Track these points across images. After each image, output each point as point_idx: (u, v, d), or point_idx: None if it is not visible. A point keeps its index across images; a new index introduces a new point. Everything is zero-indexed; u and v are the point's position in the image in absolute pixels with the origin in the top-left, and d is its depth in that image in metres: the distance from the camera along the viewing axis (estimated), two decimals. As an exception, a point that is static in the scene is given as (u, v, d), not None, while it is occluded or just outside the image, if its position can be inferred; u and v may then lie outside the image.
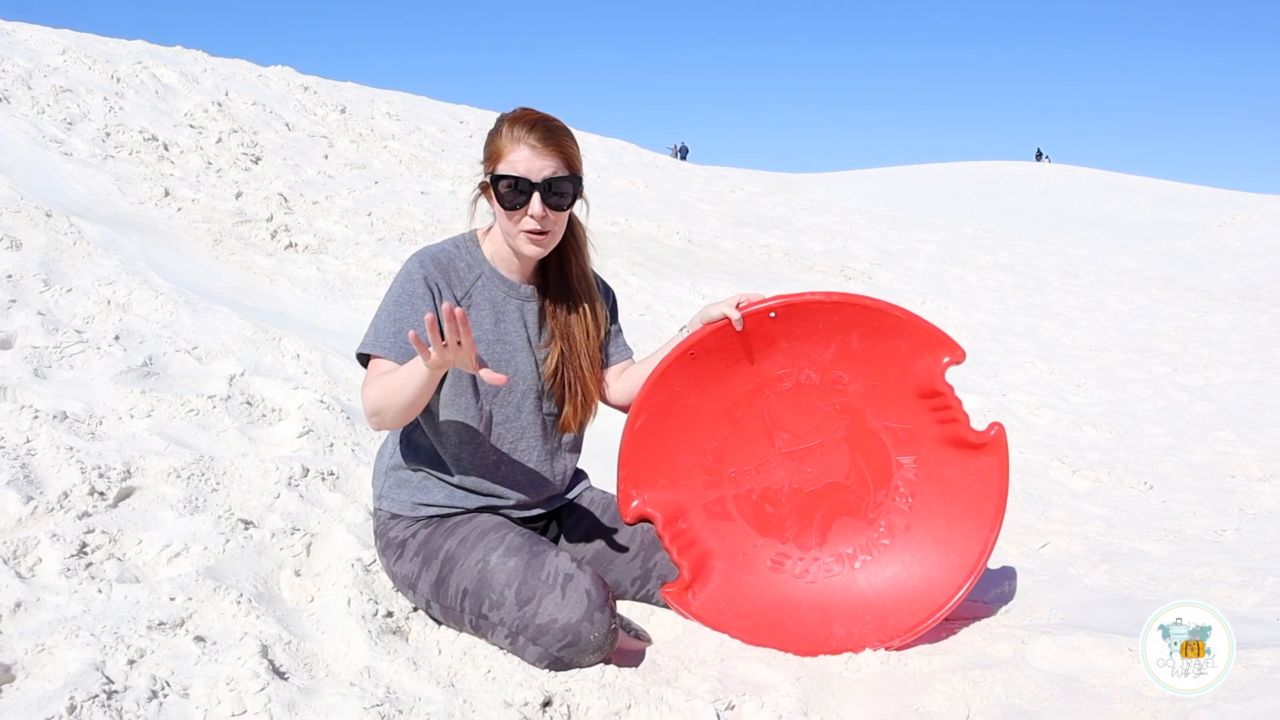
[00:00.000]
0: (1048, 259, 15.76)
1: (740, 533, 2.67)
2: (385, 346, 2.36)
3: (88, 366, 3.81)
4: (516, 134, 2.36)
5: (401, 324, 2.35)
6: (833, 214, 17.99)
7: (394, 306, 2.39)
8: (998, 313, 10.35)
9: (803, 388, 2.65)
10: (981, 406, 6.12)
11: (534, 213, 2.35)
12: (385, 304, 2.41)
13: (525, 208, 2.35)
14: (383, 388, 2.28)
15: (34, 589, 2.35)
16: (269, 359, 4.28)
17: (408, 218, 8.60)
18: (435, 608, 2.45)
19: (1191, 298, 12.97)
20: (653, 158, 21.37)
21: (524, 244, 2.40)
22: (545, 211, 2.36)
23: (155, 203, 6.95)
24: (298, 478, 3.16)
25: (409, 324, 2.34)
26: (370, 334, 2.39)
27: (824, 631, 2.57)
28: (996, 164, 48.26)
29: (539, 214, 2.35)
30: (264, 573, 2.60)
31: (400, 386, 2.24)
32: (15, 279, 4.53)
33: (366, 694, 2.07)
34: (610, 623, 2.29)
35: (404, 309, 2.37)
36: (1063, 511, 4.25)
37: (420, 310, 2.36)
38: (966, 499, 2.64)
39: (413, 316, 2.36)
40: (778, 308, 2.57)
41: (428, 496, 2.51)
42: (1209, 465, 5.43)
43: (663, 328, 7.00)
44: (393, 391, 2.26)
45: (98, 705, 1.90)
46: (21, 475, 2.87)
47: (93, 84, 9.52)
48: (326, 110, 12.46)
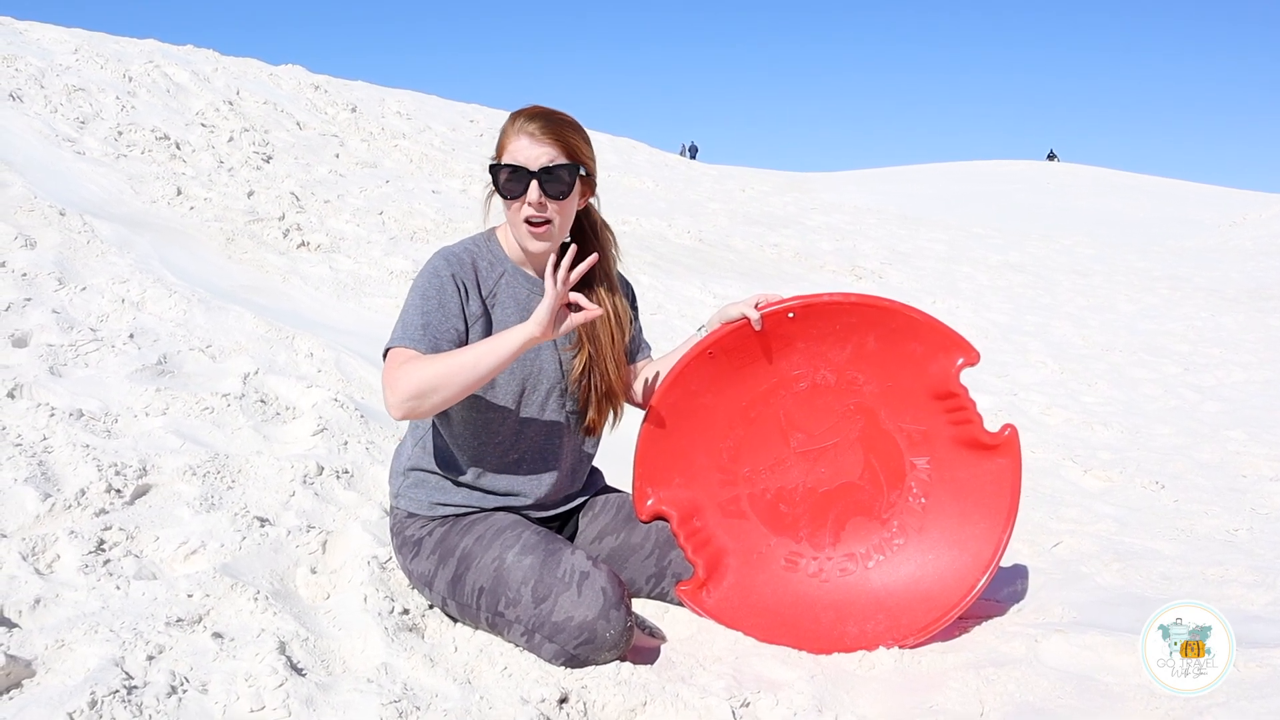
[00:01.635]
0: (1058, 258, 15.72)
1: (755, 532, 2.68)
2: (414, 339, 2.31)
3: (103, 364, 3.84)
4: (518, 125, 2.38)
5: (430, 318, 2.34)
6: (843, 213, 17.97)
7: (421, 301, 2.36)
8: (1008, 312, 10.33)
9: (818, 388, 2.66)
10: (993, 406, 6.12)
11: (531, 199, 2.35)
12: (412, 300, 2.38)
13: (523, 197, 2.36)
14: (442, 367, 2.22)
15: (53, 585, 2.37)
16: (282, 357, 4.30)
17: (419, 217, 8.61)
18: (452, 605, 2.46)
19: (1202, 297, 12.93)
20: (663, 157, 21.36)
21: (526, 237, 2.40)
22: (543, 199, 2.36)
23: (168, 201, 6.98)
24: (313, 475, 3.18)
25: (437, 319, 2.34)
26: (399, 329, 2.35)
27: (838, 630, 2.58)
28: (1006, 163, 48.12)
29: (535, 200, 2.35)
30: (280, 570, 2.62)
31: (474, 362, 2.22)
32: (30, 277, 4.56)
33: (384, 690, 2.08)
34: (626, 620, 2.29)
35: (431, 304, 2.36)
36: (1075, 510, 4.25)
37: (449, 306, 2.36)
38: (979, 499, 2.65)
39: (440, 312, 2.35)
40: (796, 308, 2.57)
41: (446, 496, 2.51)
42: (1220, 465, 5.42)
43: (674, 326, 7.01)
44: (462, 367, 2.21)
45: (118, 700, 1.91)
46: (39, 472, 2.89)
47: (105, 83, 9.55)
48: (337, 109, 12.48)
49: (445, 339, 2.33)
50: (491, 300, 2.45)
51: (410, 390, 2.22)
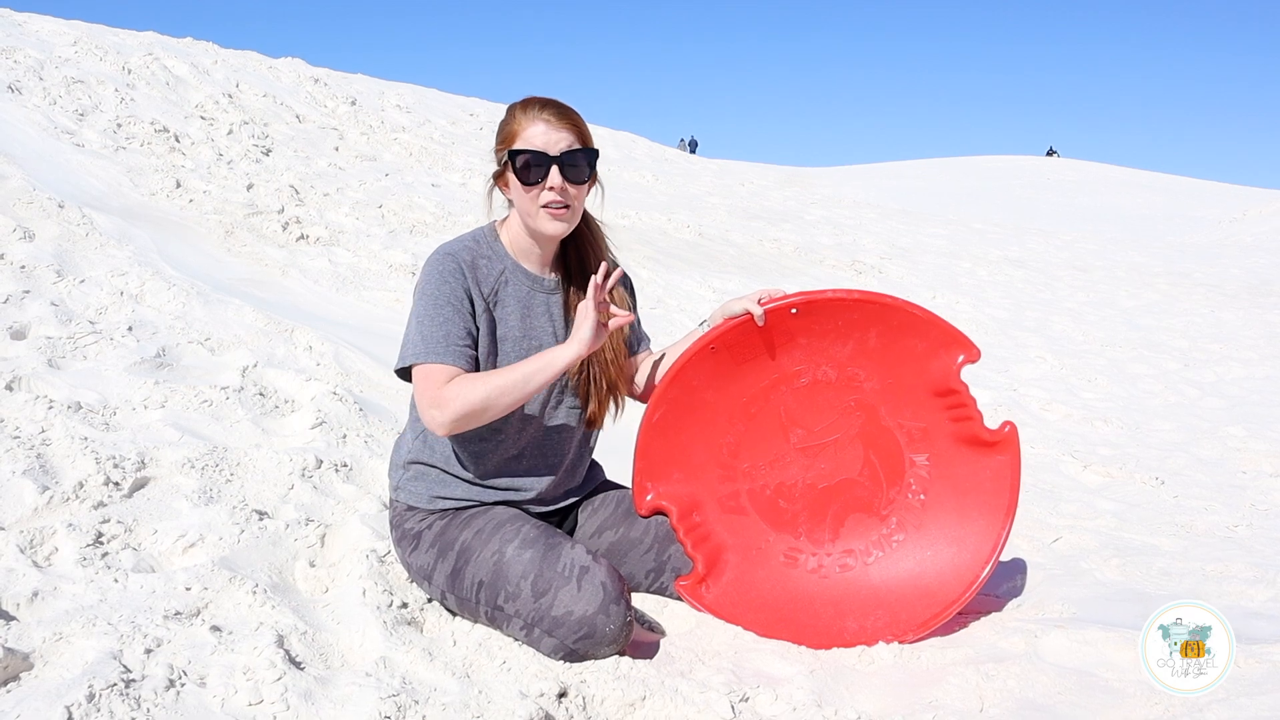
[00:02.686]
0: (1058, 254, 15.71)
1: (754, 527, 2.68)
2: (439, 353, 2.31)
3: (101, 357, 3.83)
4: (530, 113, 2.38)
5: (449, 327, 2.33)
6: (842, 208, 17.96)
7: (435, 310, 2.35)
8: (1008, 307, 10.32)
9: (819, 384, 2.66)
10: (992, 401, 6.12)
11: (553, 184, 2.35)
12: (423, 309, 2.36)
13: (544, 182, 2.36)
14: (494, 387, 2.27)
15: (51, 578, 2.36)
16: (281, 350, 4.29)
17: (419, 210, 8.61)
18: (451, 599, 2.45)
19: (1202, 293, 12.91)
20: (662, 151, 21.34)
21: (544, 221, 2.40)
22: (564, 184, 2.36)
23: (167, 194, 6.97)
24: (311, 469, 3.17)
25: (455, 327, 2.34)
26: (418, 344, 2.33)
27: (837, 625, 2.58)
28: (1006, 158, 48.08)
29: (558, 185, 2.35)
30: (279, 563, 2.61)
31: (523, 381, 2.29)
32: (29, 270, 4.55)
33: (382, 684, 2.08)
34: (625, 615, 2.29)
35: (446, 311, 2.35)
36: (1074, 506, 4.25)
37: (461, 309, 2.35)
38: (979, 496, 2.65)
39: (457, 319, 2.34)
40: (799, 304, 2.57)
41: (446, 490, 2.51)
42: (1220, 461, 5.42)
43: (674, 321, 7.00)
44: (512, 386, 2.28)
45: (116, 694, 1.91)
46: (37, 465, 2.88)
47: (104, 75, 9.53)
48: (337, 102, 12.46)
49: (467, 347, 2.36)
50: (493, 298, 2.45)
51: (462, 410, 2.27)
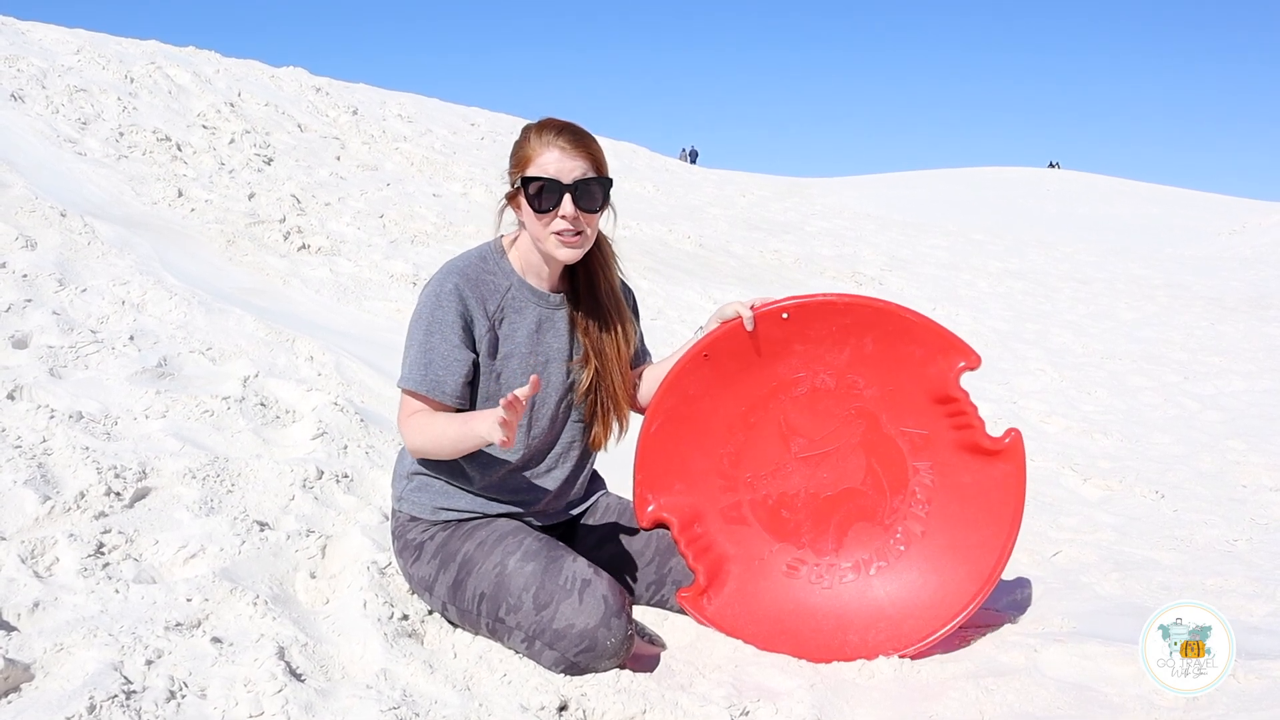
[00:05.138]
0: (1058, 266, 15.73)
1: (756, 538, 2.68)
2: (416, 382, 2.39)
3: (103, 366, 3.83)
4: (545, 138, 2.37)
5: (433, 355, 2.38)
6: (843, 219, 17.98)
7: (425, 337, 2.40)
8: (1008, 319, 10.33)
9: (818, 392, 2.66)
10: (992, 413, 6.11)
11: (565, 213, 2.35)
12: (416, 333, 2.41)
13: (556, 210, 2.36)
14: (429, 438, 2.37)
15: (52, 589, 2.36)
16: (282, 360, 4.30)
17: (420, 220, 8.61)
18: (452, 610, 2.45)
19: (1202, 305, 12.93)
20: (663, 161, 21.37)
21: (555, 247, 2.40)
22: (577, 213, 2.36)
23: (169, 203, 6.98)
24: (312, 480, 3.17)
25: (439, 355, 2.38)
26: (405, 365, 2.42)
27: (838, 638, 2.57)
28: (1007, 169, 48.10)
29: (570, 214, 2.36)
30: (280, 574, 2.61)
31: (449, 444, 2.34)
32: (30, 278, 4.55)
33: (383, 696, 2.08)
34: (627, 628, 2.29)
35: (434, 338, 2.38)
36: (1074, 519, 4.24)
37: (451, 339, 2.38)
38: (983, 506, 2.64)
39: (444, 346, 2.38)
40: (790, 308, 2.58)
41: (449, 501, 2.51)
42: (1220, 474, 5.41)
43: (674, 332, 7.01)
44: (448, 443, 2.35)
45: (117, 705, 1.91)
46: (39, 475, 2.88)
47: (106, 84, 9.55)
48: (338, 112, 12.48)
49: (448, 376, 2.38)
50: (498, 317, 2.46)
51: (413, 447, 2.42)
